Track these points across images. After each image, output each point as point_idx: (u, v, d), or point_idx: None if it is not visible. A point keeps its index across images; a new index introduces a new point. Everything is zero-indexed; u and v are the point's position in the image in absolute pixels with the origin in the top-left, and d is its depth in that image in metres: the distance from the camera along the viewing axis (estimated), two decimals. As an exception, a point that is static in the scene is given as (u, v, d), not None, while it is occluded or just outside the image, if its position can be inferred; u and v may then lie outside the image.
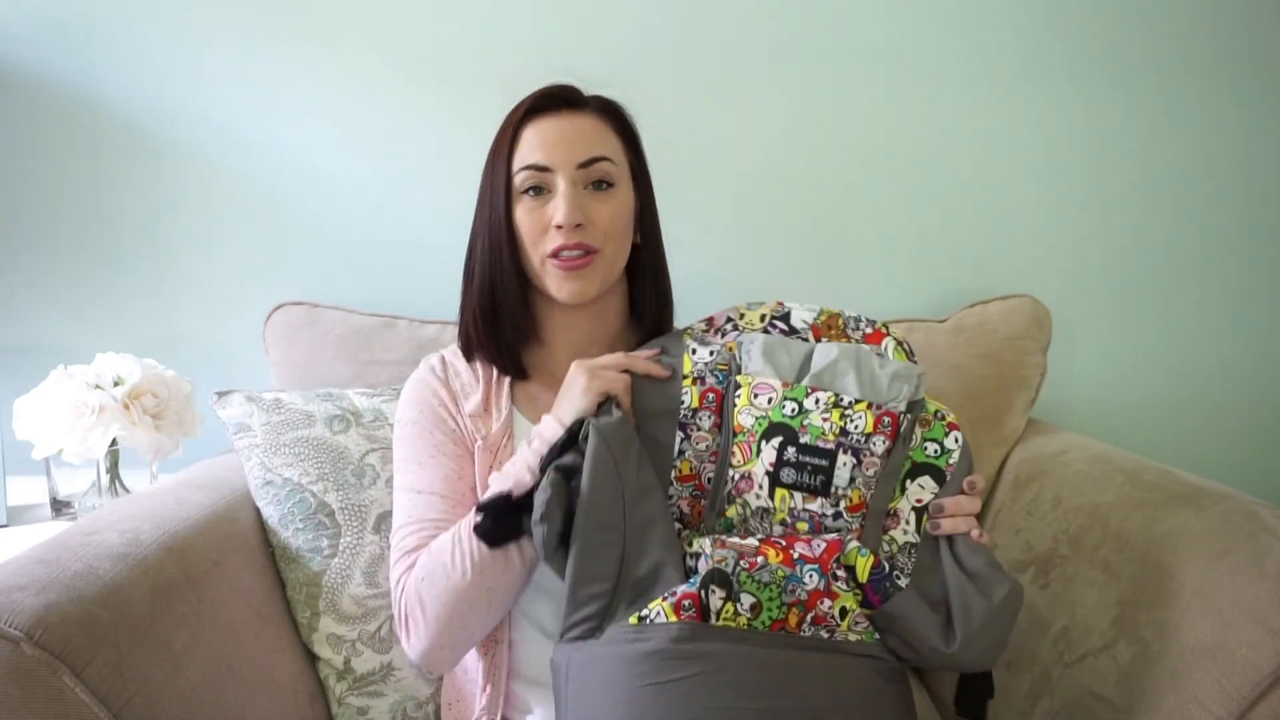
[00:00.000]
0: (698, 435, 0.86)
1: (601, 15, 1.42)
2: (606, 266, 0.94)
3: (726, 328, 0.93)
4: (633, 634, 0.75)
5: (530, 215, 0.93)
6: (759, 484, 0.82)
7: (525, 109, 0.95)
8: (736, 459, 0.83)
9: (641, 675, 0.73)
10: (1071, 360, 1.51)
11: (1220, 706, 0.76)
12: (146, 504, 0.99)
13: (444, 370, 1.02)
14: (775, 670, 0.74)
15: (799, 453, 0.82)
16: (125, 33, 1.40)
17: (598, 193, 0.93)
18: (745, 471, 0.83)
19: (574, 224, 0.90)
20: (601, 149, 0.94)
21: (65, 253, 1.45)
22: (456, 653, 0.91)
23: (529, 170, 0.92)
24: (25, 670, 0.71)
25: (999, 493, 1.30)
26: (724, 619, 0.75)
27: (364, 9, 1.41)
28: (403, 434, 0.99)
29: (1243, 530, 0.88)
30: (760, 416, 0.83)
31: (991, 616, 0.80)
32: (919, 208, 1.48)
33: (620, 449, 0.81)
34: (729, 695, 0.72)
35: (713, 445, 0.85)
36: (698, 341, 0.90)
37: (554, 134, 0.93)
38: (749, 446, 0.83)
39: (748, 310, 0.94)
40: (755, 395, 0.84)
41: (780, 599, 0.77)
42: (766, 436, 0.83)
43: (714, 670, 0.72)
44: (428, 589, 0.87)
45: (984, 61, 1.45)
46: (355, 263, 1.46)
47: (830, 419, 0.83)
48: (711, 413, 0.86)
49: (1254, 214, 1.50)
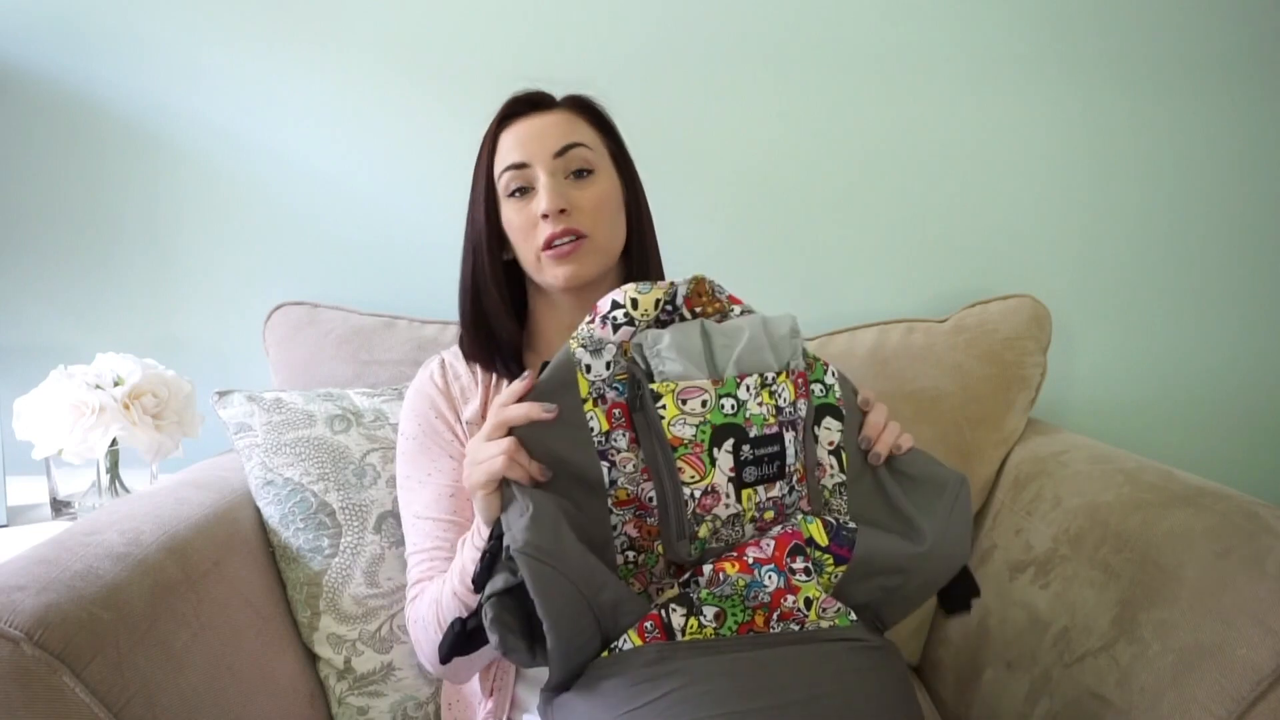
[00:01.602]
0: (621, 458, 0.78)
1: (601, 16, 1.42)
2: (598, 250, 0.95)
3: (619, 318, 0.79)
4: (604, 667, 0.74)
5: (519, 215, 0.95)
6: (725, 493, 0.77)
7: (499, 119, 0.98)
8: (688, 475, 0.76)
9: (617, 705, 0.72)
10: (1071, 360, 1.51)
11: (1220, 706, 0.76)
12: (147, 504, 0.99)
13: (444, 376, 1.02)
14: (748, 672, 0.73)
15: (753, 448, 0.78)
16: (125, 33, 1.40)
17: (579, 180, 0.95)
18: (706, 487, 0.76)
19: (557, 209, 0.92)
20: (574, 136, 0.96)
21: (65, 253, 1.45)
22: (460, 678, 0.96)
23: (509, 171, 0.95)
24: (25, 670, 0.71)
25: (999, 493, 1.30)
26: (690, 634, 0.75)
27: (364, 9, 1.41)
28: (403, 449, 1.00)
29: (1243, 530, 0.88)
30: (700, 423, 0.77)
31: (951, 504, 0.82)
32: (919, 208, 1.48)
33: (553, 553, 0.71)
34: (706, 705, 0.71)
35: (639, 462, 0.78)
36: (588, 351, 0.79)
37: (526, 133, 0.96)
38: (698, 459, 0.76)
39: (639, 295, 0.79)
40: (684, 401, 0.77)
41: (744, 604, 0.76)
42: (716, 442, 0.77)
43: (687, 684, 0.71)
44: (423, 636, 0.91)
45: (984, 61, 1.45)
46: (355, 263, 1.46)
47: (764, 402, 0.79)
48: (624, 429, 0.78)
49: (1254, 214, 1.50)
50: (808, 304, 1.48)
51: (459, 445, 0.98)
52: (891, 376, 1.30)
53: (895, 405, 1.28)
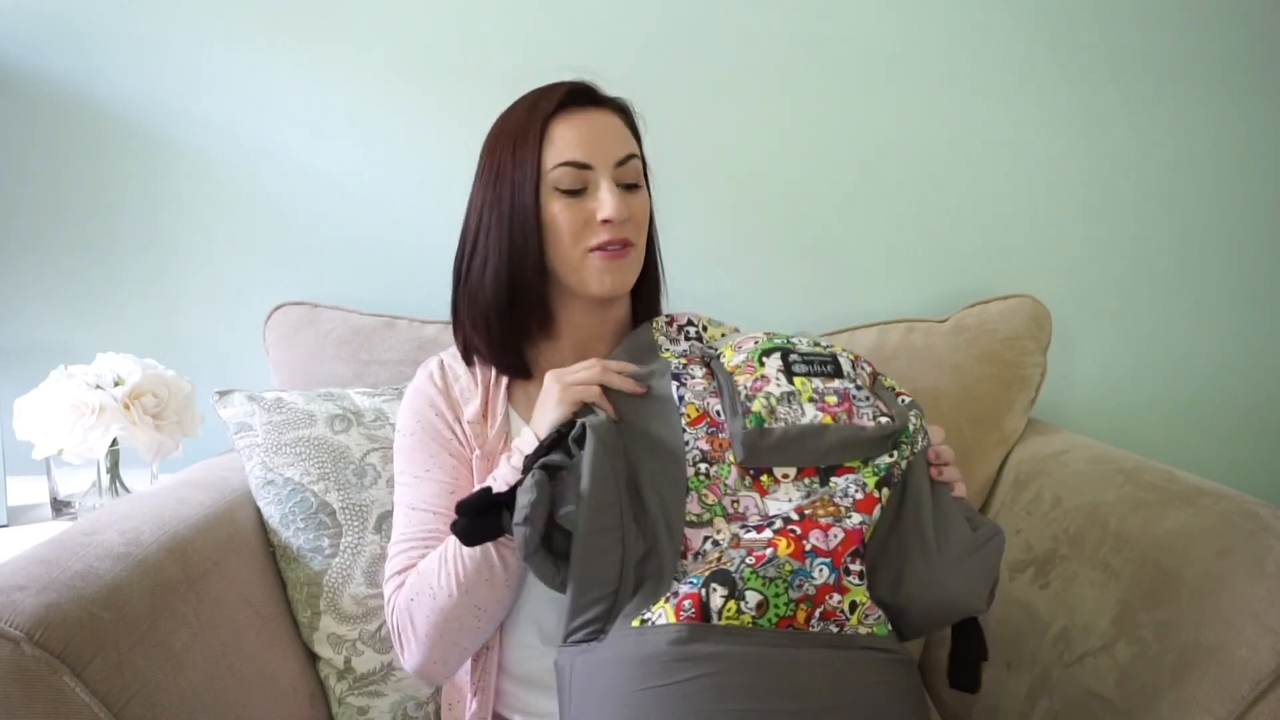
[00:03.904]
0: (692, 381, 0.86)
1: (605, 17, 1.42)
2: (639, 260, 0.97)
3: (690, 331, 0.96)
4: (634, 637, 0.74)
5: (569, 211, 0.91)
6: (775, 379, 0.83)
7: (555, 104, 0.93)
8: (741, 379, 0.84)
9: (642, 679, 0.72)
10: (1071, 360, 1.51)
11: (1220, 706, 0.76)
12: (147, 504, 0.99)
13: (443, 378, 1.01)
14: (778, 670, 0.73)
15: (802, 357, 0.86)
16: (125, 33, 1.40)
17: (629, 191, 0.95)
18: (757, 376, 0.83)
19: (623, 219, 0.92)
20: (631, 147, 0.96)
21: (65, 252, 1.45)
22: (450, 666, 0.92)
23: (567, 167, 0.91)
24: (25, 670, 0.71)
25: (999, 492, 1.30)
26: (726, 617, 0.74)
27: (365, 9, 1.41)
28: (401, 445, 1.00)
29: (1243, 530, 0.88)
30: (751, 350, 0.86)
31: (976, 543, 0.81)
32: (919, 208, 1.48)
33: (614, 450, 0.80)
34: (730, 697, 0.71)
35: (710, 386, 0.86)
36: (667, 339, 0.93)
37: (588, 131, 0.93)
38: (751, 365, 0.85)
39: (710, 325, 0.97)
40: (739, 346, 0.87)
41: (787, 594, 0.76)
42: (763, 356, 0.85)
43: (715, 672, 0.71)
44: (417, 608, 0.88)
45: (984, 63, 1.45)
46: (355, 263, 1.46)
47: (817, 348, 0.88)
48: (701, 364, 0.88)
49: (1254, 214, 1.50)
50: (808, 304, 1.48)
51: (459, 444, 0.97)
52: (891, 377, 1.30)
53: (895, 405, 1.28)
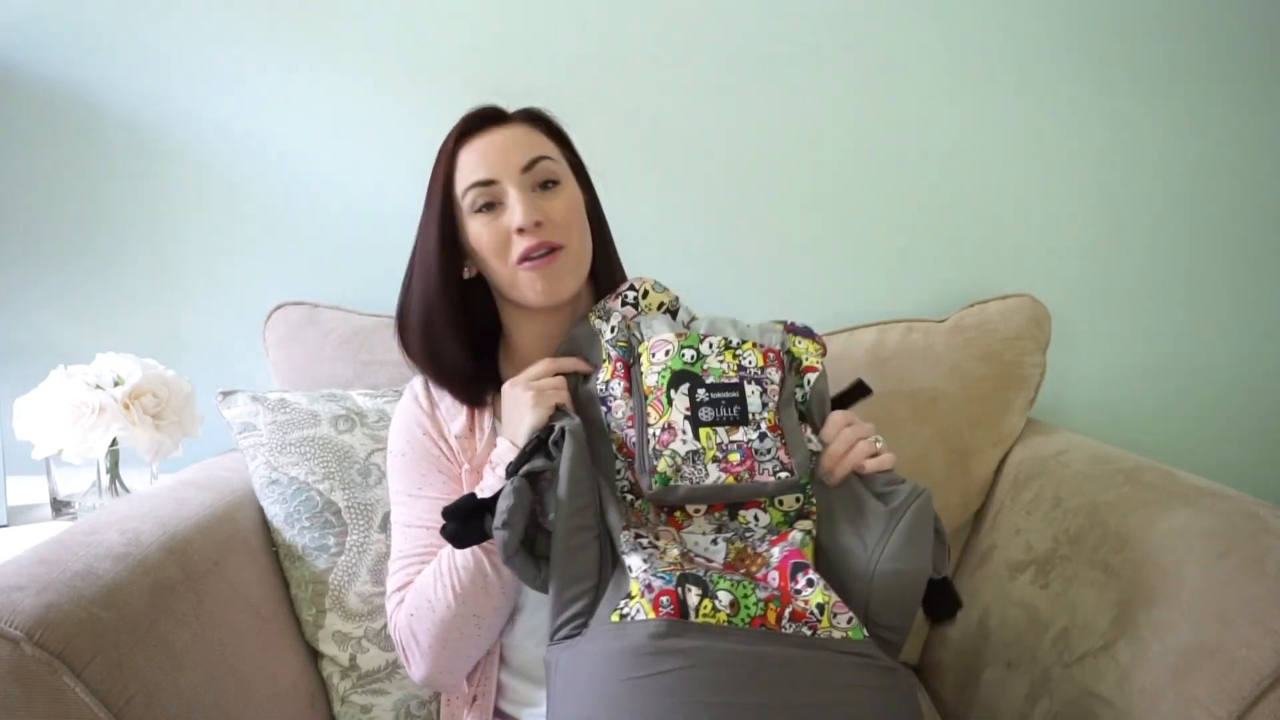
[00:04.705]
0: (614, 404, 0.89)
1: (603, 15, 1.42)
2: (574, 260, 0.95)
3: (629, 298, 0.96)
4: (614, 631, 0.76)
5: (489, 230, 0.93)
6: (681, 430, 0.84)
7: (455, 136, 0.96)
8: (652, 418, 0.85)
9: (621, 670, 0.74)
10: (1071, 360, 1.51)
11: (1220, 706, 0.76)
12: (147, 504, 0.99)
13: (428, 397, 1.02)
14: (754, 666, 0.75)
15: (709, 391, 0.86)
16: (125, 33, 1.40)
17: (546, 192, 0.95)
18: (664, 424, 0.84)
19: (533, 223, 0.91)
20: (538, 150, 0.95)
21: (65, 253, 1.45)
22: (457, 674, 0.94)
23: (476, 189, 0.93)
24: (25, 670, 0.71)
25: (999, 492, 1.30)
26: (703, 615, 0.76)
27: (366, 10, 1.41)
28: (393, 465, 1.01)
29: (1243, 530, 0.88)
30: (662, 370, 0.87)
31: (895, 514, 0.81)
32: (918, 207, 1.48)
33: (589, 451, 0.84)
34: (706, 690, 0.72)
35: (627, 410, 0.88)
36: (603, 320, 0.94)
37: (490, 149, 0.94)
38: (660, 402, 0.85)
39: (653, 290, 0.96)
40: (654, 354, 0.88)
41: (755, 594, 0.79)
42: (673, 385, 0.86)
43: (691, 665, 0.73)
44: (419, 623, 0.90)
45: (983, 61, 1.45)
46: (355, 263, 1.46)
47: (725, 359, 0.88)
48: (622, 379, 0.89)
49: (1254, 214, 1.50)
50: (807, 304, 1.48)
51: (448, 461, 0.98)
52: (890, 376, 1.30)
53: (894, 405, 1.28)
